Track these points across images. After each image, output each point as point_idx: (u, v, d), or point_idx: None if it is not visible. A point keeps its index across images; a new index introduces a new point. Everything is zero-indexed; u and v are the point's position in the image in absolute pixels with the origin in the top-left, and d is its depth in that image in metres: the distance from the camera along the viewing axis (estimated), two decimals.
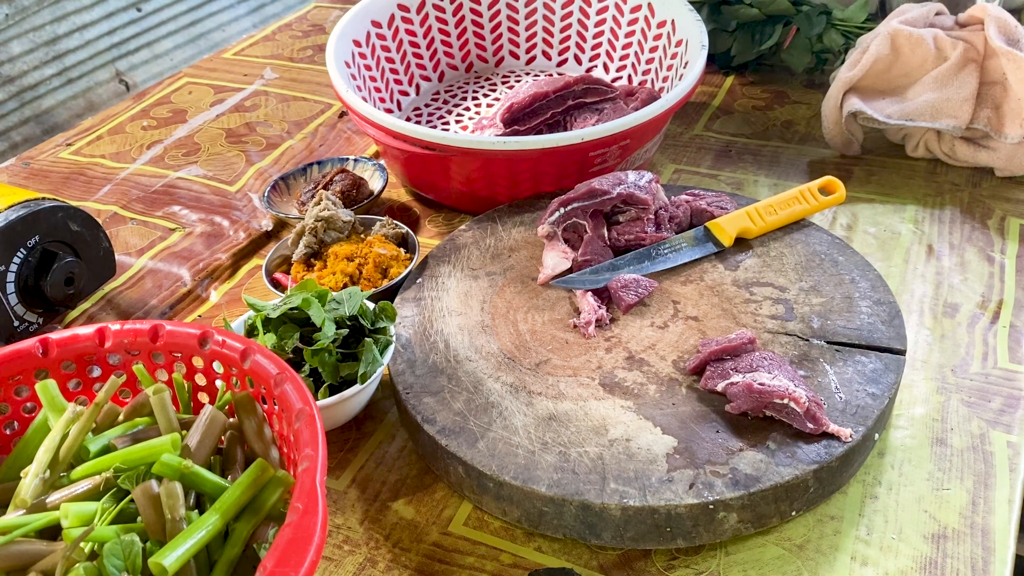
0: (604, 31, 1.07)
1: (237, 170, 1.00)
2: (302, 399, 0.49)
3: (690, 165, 0.94)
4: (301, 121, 1.10)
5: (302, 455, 0.45)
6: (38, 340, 0.55)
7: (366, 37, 1.00)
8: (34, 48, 1.90)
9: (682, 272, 0.72)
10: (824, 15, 1.02)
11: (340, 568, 0.57)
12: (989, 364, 0.67)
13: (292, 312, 0.63)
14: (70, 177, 1.02)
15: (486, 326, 0.68)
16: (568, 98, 0.89)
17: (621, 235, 0.74)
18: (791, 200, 0.75)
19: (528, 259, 0.75)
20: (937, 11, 0.91)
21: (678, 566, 0.55)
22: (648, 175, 0.75)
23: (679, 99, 0.82)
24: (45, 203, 0.75)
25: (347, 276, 0.74)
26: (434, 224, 0.90)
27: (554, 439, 0.58)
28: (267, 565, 0.39)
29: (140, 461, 0.48)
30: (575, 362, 0.64)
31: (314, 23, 1.38)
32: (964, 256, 0.78)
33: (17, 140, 1.91)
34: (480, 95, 1.07)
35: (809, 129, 0.98)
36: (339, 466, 0.64)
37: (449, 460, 0.58)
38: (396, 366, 0.65)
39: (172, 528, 0.46)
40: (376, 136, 0.85)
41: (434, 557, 0.57)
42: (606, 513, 0.53)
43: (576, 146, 0.78)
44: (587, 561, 0.56)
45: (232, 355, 0.53)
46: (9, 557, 0.45)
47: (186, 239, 0.90)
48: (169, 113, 1.14)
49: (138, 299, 0.83)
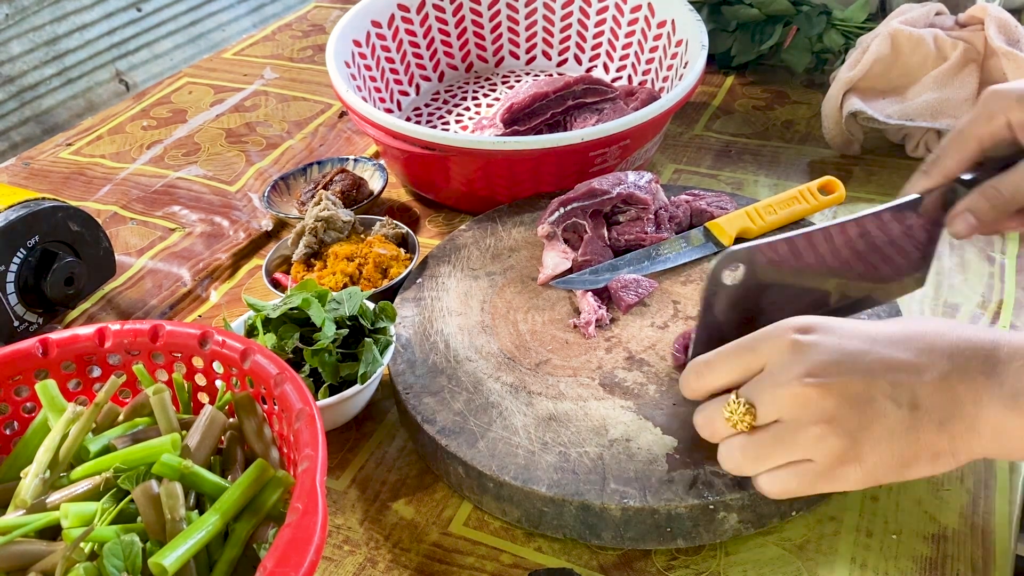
0: (604, 31, 1.07)
1: (237, 170, 1.00)
2: (302, 399, 0.49)
3: (690, 165, 0.94)
4: (301, 121, 1.10)
5: (302, 455, 0.45)
6: (38, 340, 0.55)
7: (366, 37, 1.00)
8: (34, 48, 1.90)
9: (682, 272, 0.72)
10: (824, 15, 1.02)
11: (340, 568, 0.57)
12: None
13: (292, 312, 0.63)
14: (70, 177, 1.02)
15: (486, 326, 0.68)
16: (568, 98, 0.89)
17: (621, 235, 0.74)
18: (791, 200, 0.75)
19: (528, 259, 0.75)
20: (937, 11, 0.91)
21: (678, 566, 0.55)
22: (648, 175, 0.75)
23: (679, 99, 0.82)
24: (45, 203, 0.75)
25: (347, 276, 0.74)
26: (434, 224, 0.90)
27: (554, 439, 0.58)
28: (267, 565, 0.39)
29: (140, 461, 0.48)
30: (575, 362, 0.64)
31: (314, 23, 1.38)
32: (964, 256, 0.78)
33: (17, 140, 1.91)
34: (480, 95, 1.07)
35: (809, 129, 0.98)
36: (339, 466, 0.64)
37: (449, 460, 0.58)
38: (396, 366, 0.65)
39: (172, 528, 0.46)
40: (376, 136, 0.85)
41: (434, 557, 0.57)
42: (606, 513, 0.53)
43: (576, 146, 0.78)
44: (587, 561, 0.56)
45: (232, 355, 0.53)
46: (9, 557, 0.45)
47: (186, 239, 0.90)
48: (169, 113, 1.14)
49: (138, 299, 0.83)
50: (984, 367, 0.45)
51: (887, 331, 0.47)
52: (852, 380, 0.45)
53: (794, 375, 0.46)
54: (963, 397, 0.45)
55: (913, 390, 0.45)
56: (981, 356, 0.45)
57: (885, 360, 0.46)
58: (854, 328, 0.48)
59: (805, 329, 0.48)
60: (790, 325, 0.48)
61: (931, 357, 0.46)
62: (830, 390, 0.45)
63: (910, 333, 0.47)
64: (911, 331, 0.47)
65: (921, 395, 0.45)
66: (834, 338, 0.47)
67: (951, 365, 0.45)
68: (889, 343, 0.46)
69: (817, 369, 0.46)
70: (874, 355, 0.46)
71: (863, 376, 0.45)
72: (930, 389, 0.45)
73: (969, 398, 0.45)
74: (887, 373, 0.45)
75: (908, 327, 0.48)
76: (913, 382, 0.45)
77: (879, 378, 0.45)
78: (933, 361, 0.45)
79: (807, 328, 0.48)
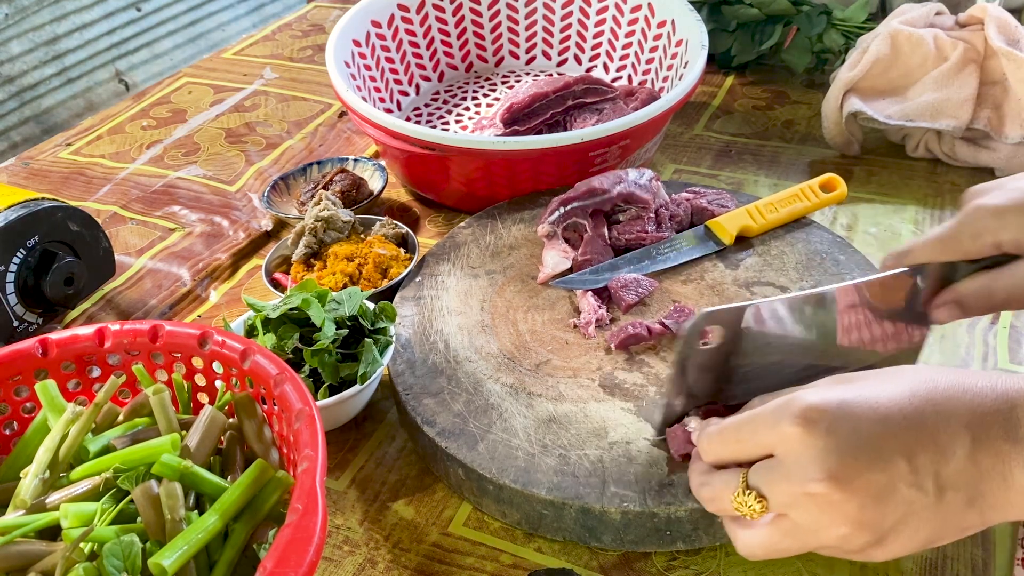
0: (604, 31, 1.07)
1: (237, 170, 1.00)
2: (302, 399, 0.49)
3: (690, 165, 0.94)
4: (301, 121, 1.10)
5: (302, 455, 0.45)
6: (38, 340, 0.55)
7: (366, 37, 0.99)
8: (34, 48, 1.90)
9: (683, 271, 0.72)
10: (824, 15, 1.02)
11: (340, 568, 0.57)
12: (989, 364, 0.67)
13: (292, 312, 0.63)
14: (70, 177, 1.02)
15: (486, 326, 0.68)
16: (568, 98, 0.89)
17: (621, 234, 0.74)
18: (792, 197, 0.75)
19: (528, 257, 0.75)
20: (937, 11, 0.91)
21: (678, 566, 0.55)
22: (648, 173, 0.75)
23: (679, 99, 0.82)
24: (45, 203, 0.75)
25: (347, 276, 0.74)
26: (434, 224, 0.89)
27: (554, 441, 0.58)
28: (267, 565, 0.39)
29: (140, 461, 0.48)
30: (575, 363, 0.64)
31: (314, 23, 1.38)
32: None
33: (17, 140, 1.91)
34: (480, 95, 1.07)
35: (809, 129, 0.98)
36: (339, 466, 0.64)
37: (449, 462, 0.58)
38: (396, 366, 0.65)
39: (172, 528, 0.46)
40: (376, 136, 0.85)
41: (434, 558, 0.57)
42: (606, 517, 0.53)
43: (576, 146, 0.78)
44: (587, 562, 0.55)
45: (232, 355, 0.53)
46: (9, 557, 0.45)
47: (186, 239, 0.90)
48: (169, 113, 1.14)
49: (138, 299, 0.83)
50: (1006, 433, 0.42)
51: (897, 402, 0.44)
52: (873, 475, 0.42)
53: (811, 477, 0.42)
54: (990, 471, 0.42)
55: (938, 474, 0.42)
56: (1000, 420, 0.42)
57: (903, 442, 0.42)
58: (864, 403, 0.44)
59: (814, 414, 0.43)
60: (796, 408, 0.44)
61: (950, 431, 0.42)
62: (853, 492, 0.42)
63: (920, 402, 0.43)
64: (920, 398, 0.44)
65: (946, 477, 0.42)
66: (847, 424, 0.43)
67: (971, 437, 0.42)
68: (903, 419, 0.43)
69: (835, 470, 0.42)
70: (890, 438, 0.43)
71: (884, 467, 0.42)
72: (955, 470, 0.42)
73: (996, 471, 0.42)
74: (907, 458, 0.42)
75: (915, 392, 0.44)
76: (938, 465, 0.42)
77: (899, 465, 0.42)
78: (953, 437, 0.42)
79: (816, 412, 0.43)
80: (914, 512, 0.42)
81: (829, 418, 0.43)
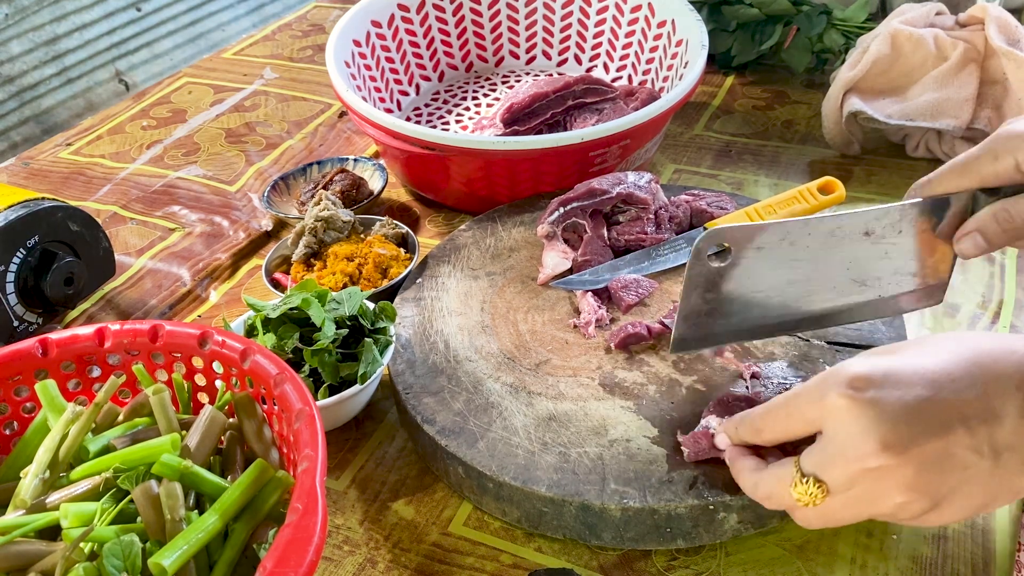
0: (604, 31, 1.07)
1: (237, 170, 1.00)
2: (302, 399, 0.49)
3: (690, 165, 0.94)
4: (301, 121, 1.10)
5: (302, 455, 0.45)
6: (38, 340, 0.55)
7: (366, 37, 0.99)
8: (34, 48, 1.90)
9: (682, 272, 0.72)
10: (824, 15, 1.02)
11: (340, 568, 0.57)
12: None
13: (292, 312, 0.63)
14: (70, 177, 1.02)
15: (486, 326, 0.68)
16: (568, 98, 0.89)
17: (621, 235, 0.74)
18: (791, 200, 0.75)
19: (528, 259, 0.75)
20: (937, 11, 0.91)
21: (678, 566, 0.55)
22: (648, 175, 0.75)
23: (679, 99, 0.82)
24: (45, 203, 0.75)
25: (347, 276, 0.74)
26: (434, 224, 0.90)
27: (554, 439, 0.58)
28: (267, 565, 0.39)
29: (140, 461, 0.48)
30: (575, 362, 0.64)
31: (314, 23, 1.38)
32: None
33: (17, 140, 1.91)
34: (480, 95, 1.07)
35: (809, 129, 0.98)
36: (339, 466, 0.64)
37: (449, 460, 0.58)
38: (396, 366, 0.65)
39: (172, 528, 0.46)
40: (376, 136, 0.85)
41: (434, 557, 0.57)
42: (606, 514, 0.53)
43: (576, 146, 0.78)
44: (587, 561, 0.55)
45: (232, 355, 0.53)
46: (9, 557, 0.45)
47: (186, 239, 0.90)
48: (169, 113, 1.14)
49: (138, 299, 0.83)
50: None
51: (944, 367, 0.43)
52: (928, 441, 0.41)
53: (865, 450, 0.42)
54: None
55: (992, 436, 0.42)
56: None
57: (956, 407, 0.42)
58: (911, 370, 0.43)
59: (860, 383, 0.43)
60: (842, 379, 0.43)
61: (1000, 392, 0.42)
62: (908, 459, 0.41)
63: (968, 365, 0.43)
64: (967, 361, 0.43)
65: (1001, 440, 0.42)
66: (895, 392, 0.42)
67: (1023, 398, 0.42)
68: (952, 382, 0.43)
69: (889, 438, 0.41)
70: (942, 403, 0.42)
71: (938, 432, 0.42)
72: (1009, 431, 0.42)
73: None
74: (962, 422, 0.42)
75: (961, 355, 0.44)
76: (992, 427, 0.42)
77: (955, 430, 0.42)
78: (1004, 398, 0.42)
79: (862, 382, 0.43)
80: (970, 477, 0.42)
81: (876, 386, 0.43)
